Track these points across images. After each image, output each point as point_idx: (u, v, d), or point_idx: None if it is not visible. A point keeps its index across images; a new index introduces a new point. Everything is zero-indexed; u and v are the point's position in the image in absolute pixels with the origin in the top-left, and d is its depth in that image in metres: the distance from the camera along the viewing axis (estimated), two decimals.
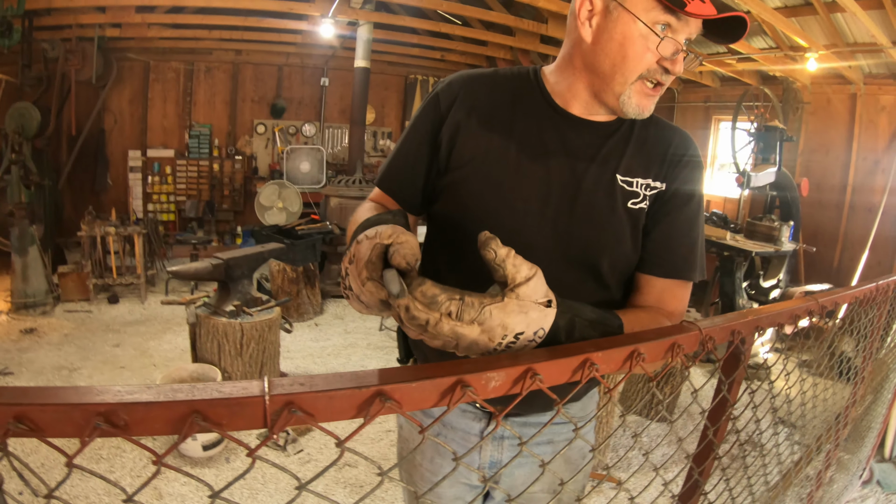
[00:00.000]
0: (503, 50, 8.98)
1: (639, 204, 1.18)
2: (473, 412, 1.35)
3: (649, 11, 1.05)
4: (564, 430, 1.37)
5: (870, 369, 2.54)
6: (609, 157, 1.18)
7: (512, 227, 1.17)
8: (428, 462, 1.43)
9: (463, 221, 1.22)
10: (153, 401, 0.56)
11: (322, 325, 6.06)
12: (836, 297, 1.51)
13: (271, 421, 0.56)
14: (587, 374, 0.75)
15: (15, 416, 0.55)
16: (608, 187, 1.17)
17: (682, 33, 1.07)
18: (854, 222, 6.76)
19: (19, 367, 4.58)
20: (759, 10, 5.26)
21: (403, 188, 1.31)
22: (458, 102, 1.23)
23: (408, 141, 1.31)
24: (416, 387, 0.62)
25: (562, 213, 1.17)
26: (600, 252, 1.18)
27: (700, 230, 1.25)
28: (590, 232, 1.18)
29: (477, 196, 1.21)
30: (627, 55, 1.08)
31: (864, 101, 6.70)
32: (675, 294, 1.24)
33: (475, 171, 1.20)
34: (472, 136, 1.21)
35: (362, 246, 0.86)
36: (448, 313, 0.76)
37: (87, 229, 6.18)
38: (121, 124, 8.83)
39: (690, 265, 1.23)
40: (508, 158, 1.19)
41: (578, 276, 1.19)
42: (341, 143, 10.04)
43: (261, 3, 6.74)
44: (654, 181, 1.19)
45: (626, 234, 1.19)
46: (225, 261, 3.77)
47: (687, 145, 1.23)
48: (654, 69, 1.09)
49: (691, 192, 1.22)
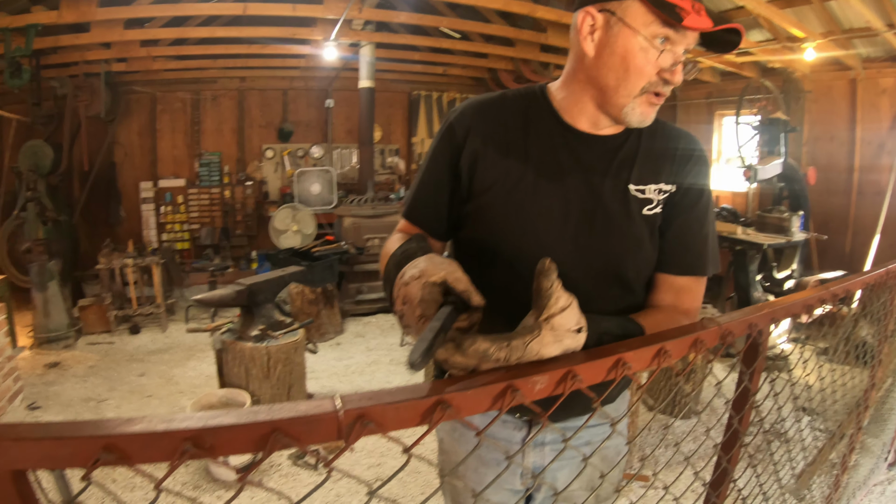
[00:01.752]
0: (504, 61, 9.06)
1: (654, 209, 1.25)
2: (514, 422, 1.41)
3: (648, 26, 1.10)
4: (601, 432, 1.43)
5: (886, 351, 2.57)
6: (620, 169, 1.25)
7: (536, 245, 1.23)
8: (472, 472, 1.48)
9: (489, 245, 1.28)
10: (237, 423, 0.63)
11: (344, 344, 6.12)
12: (848, 285, 1.56)
13: (346, 433, 0.63)
14: (620, 373, 0.82)
15: (105, 447, 0.60)
16: (623, 198, 1.24)
17: (680, 45, 1.13)
18: (863, 207, 6.77)
19: (47, 400, 4.66)
20: (754, 4, 5.31)
21: (429, 218, 1.37)
22: (472, 131, 1.29)
23: (428, 172, 1.37)
24: (472, 394, 0.69)
25: (582, 227, 1.23)
26: (623, 260, 1.25)
27: (711, 225, 1.32)
28: (611, 242, 1.24)
29: (501, 220, 1.26)
30: (629, 68, 1.14)
31: (864, 86, 6.73)
32: (691, 290, 1.31)
33: (497, 196, 1.26)
34: (491, 163, 1.27)
35: (411, 288, 0.93)
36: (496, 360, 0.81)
37: (106, 262, 6.30)
38: (131, 156, 8.98)
39: (704, 261, 1.29)
40: (527, 181, 1.25)
41: (604, 285, 1.26)
42: (349, 163, 10.14)
43: (264, 31, 6.85)
44: (665, 185, 1.26)
45: (646, 239, 1.25)
46: (248, 286, 3.85)
47: (692, 146, 1.30)
48: (654, 80, 1.15)
49: (700, 190, 1.28)
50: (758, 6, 5.38)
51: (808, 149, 7.30)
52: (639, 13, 1.11)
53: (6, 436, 0.59)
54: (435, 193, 1.35)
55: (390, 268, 1.07)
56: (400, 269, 1.01)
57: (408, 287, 0.94)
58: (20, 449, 0.59)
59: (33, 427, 0.61)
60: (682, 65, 1.16)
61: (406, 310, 0.94)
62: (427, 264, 0.95)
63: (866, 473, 3.32)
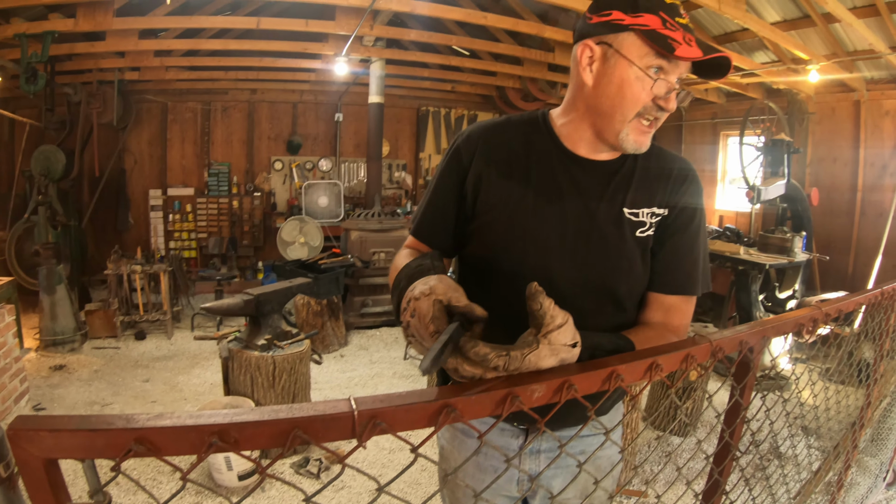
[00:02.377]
0: (512, 79, 9.16)
1: (646, 232, 1.32)
2: (511, 430, 1.48)
3: (643, 57, 1.18)
4: (595, 442, 1.49)
5: (882, 370, 2.61)
6: (616, 193, 1.32)
7: (535, 264, 1.31)
8: (470, 478, 1.54)
9: (491, 262, 1.36)
10: (260, 420, 0.68)
11: (347, 357, 6.16)
12: (840, 305, 1.60)
13: (359, 432, 0.68)
14: (614, 384, 0.88)
15: (136, 439, 0.66)
16: (617, 221, 1.31)
17: (673, 74, 1.21)
18: (866, 228, 6.82)
19: (51, 402, 4.71)
20: (758, 27, 5.39)
21: (435, 236, 1.46)
22: (477, 154, 1.37)
23: (435, 192, 1.45)
24: (475, 399, 0.75)
25: (578, 248, 1.31)
26: (616, 279, 1.32)
27: (703, 246, 1.38)
28: (605, 262, 1.31)
29: (502, 239, 1.34)
30: (625, 96, 1.21)
31: (868, 107, 6.79)
32: (681, 309, 1.37)
33: (499, 217, 1.34)
34: (494, 185, 1.35)
35: (422, 303, 1.00)
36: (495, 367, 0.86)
37: (114, 267, 6.35)
38: (141, 164, 9.10)
39: (694, 281, 1.36)
40: (527, 203, 1.32)
41: (598, 302, 1.33)
42: (357, 177, 10.24)
43: (275, 45, 6.95)
44: (657, 209, 1.33)
45: (638, 259, 1.32)
46: (256, 296, 3.90)
47: (685, 171, 1.37)
48: (649, 107, 1.23)
49: (692, 212, 1.35)
50: (762, 29, 5.46)
51: (812, 170, 7.35)
52: (634, 45, 1.19)
53: (42, 426, 0.64)
54: (441, 213, 1.44)
55: (401, 279, 1.16)
56: (411, 282, 1.09)
57: (418, 301, 1.00)
58: (55, 439, 0.64)
59: (68, 419, 0.66)
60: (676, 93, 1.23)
61: (414, 322, 1.01)
62: (437, 283, 1.02)
63: (864, 493, 3.34)
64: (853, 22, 5.02)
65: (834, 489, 2.67)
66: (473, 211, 1.38)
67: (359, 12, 5.82)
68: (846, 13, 4.94)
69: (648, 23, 1.17)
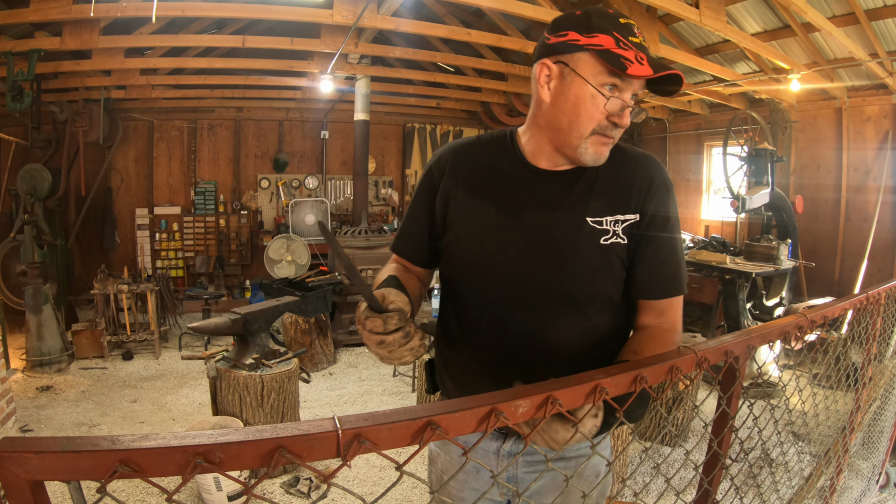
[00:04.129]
0: (497, 95, 9.24)
1: (610, 239, 1.33)
2: (493, 433, 1.49)
3: (597, 75, 1.24)
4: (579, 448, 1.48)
5: (870, 374, 2.62)
6: (576, 202, 1.35)
7: (496, 276, 1.37)
8: (454, 481, 1.58)
9: (459, 276, 1.46)
10: (245, 440, 0.68)
11: (336, 374, 6.13)
12: (826, 311, 1.62)
13: (344, 451, 0.68)
14: (599, 398, 0.88)
15: (121, 460, 0.65)
16: (577, 230, 1.33)
17: (627, 91, 1.26)
18: (851, 233, 6.89)
19: (38, 423, 4.66)
20: (739, 38, 5.46)
21: (412, 251, 1.56)
22: (447, 174, 1.46)
23: (411, 211, 1.55)
24: (459, 416, 0.75)
25: (538, 258, 1.34)
26: (576, 287, 1.34)
27: (680, 247, 1.42)
28: (564, 271, 1.34)
29: (466, 254, 1.43)
30: (580, 113, 1.27)
31: (849, 114, 6.89)
32: (671, 307, 1.40)
33: (463, 232, 1.42)
34: (460, 202, 1.43)
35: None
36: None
37: (100, 287, 6.31)
38: (127, 183, 9.07)
39: (679, 281, 1.39)
40: (489, 217, 1.39)
41: (559, 310, 1.36)
42: (344, 194, 10.24)
43: (261, 63, 6.97)
44: (623, 215, 1.34)
45: (599, 268, 1.34)
46: (243, 315, 3.88)
47: (650, 171, 1.38)
48: (604, 124, 1.27)
49: (665, 215, 1.36)
50: (743, 40, 5.53)
51: (796, 178, 7.44)
52: (588, 64, 1.24)
53: (27, 448, 0.63)
54: (416, 229, 1.52)
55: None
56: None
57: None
58: (41, 460, 0.63)
59: (53, 441, 0.65)
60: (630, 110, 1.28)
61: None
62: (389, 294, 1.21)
63: (857, 496, 3.35)
64: (833, 31, 5.11)
65: (826, 494, 2.68)
66: (443, 228, 1.46)
67: (343, 30, 5.85)
68: (826, 22, 5.02)
69: (602, 42, 1.22)
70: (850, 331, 2.41)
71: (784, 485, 3.26)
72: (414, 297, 1.37)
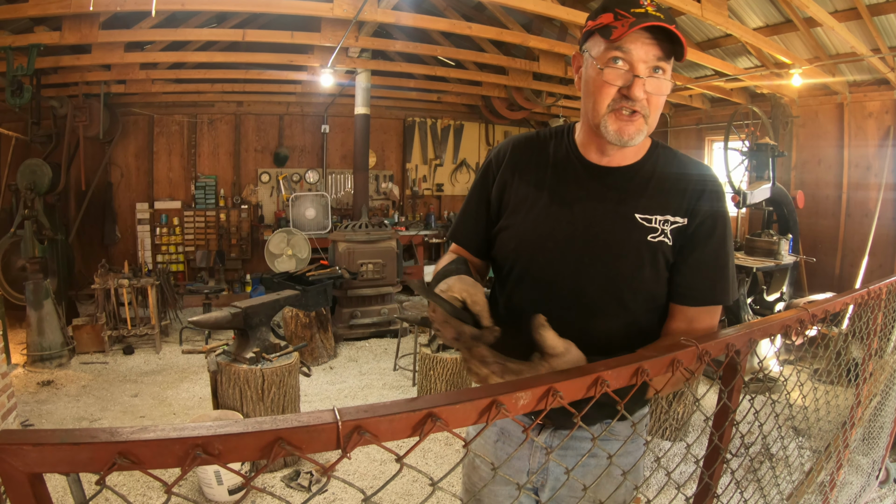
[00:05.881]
0: (497, 89, 9.21)
1: (658, 237, 1.34)
2: (528, 422, 1.50)
3: (600, 52, 1.28)
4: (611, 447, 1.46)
5: (870, 369, 2.62)
6: (627, 198, 1.37)
7: (544, 264, 1.40)
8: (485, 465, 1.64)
9: (509, 263, 1.48)
10: (244, 431, 0.68)
11: (337, 368, 6.14)
12: (827, 305, 1.61)
13: (343, 443, 0.68)
14: (600, 390, 0.87)
15: (120, 452, 0.65)
16: (626, 225, 1.35)
17: (637, 63, 1.25)
18: (852, 229, 6.88)
19: (39, 418, 4.67)
20: (741, 32, 5.44)
21: (469, 239, 1.60)
22: (505, 165, 1.51)
23: (469, 201, 1.60)
24: (460, 407, 0.75)
25: (585, 249, 1.36)
26: (620, 280, 1.35)
27: (727, 255, 1.39)
28: (609, 263, 1.35)
29: (517, 241, 1.45)
30: (591, 91, 1.31)
31: (851, 110, 6.87)
32: (704, 319, 1.38)
33: (516, 220, 1.46)
34: (515, 192, 1.47)
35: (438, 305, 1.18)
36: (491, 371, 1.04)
37: (101, 282, 6.31)
38: (127, 178, 9.04)
39: (719, 291, 1.37)
40: (541, 207, 1.42)
41: (602, 302, 1.37)
42: (344, 189, 10.22)
43: (261, 57, 6.94)
44: (673, 216, 1.35)
45: (646, 263, 1.34)
46: (244, 309, 3.88)
47: (705, 180, 1.39)
48: (617, 98, 1.28)
49: (713, 223, 1.36)
50: (745, 34, 5.51)
51: (797, 173, 7.42)
52: (594, 44, 1.30)
53: (26, 440, 0.63)
54: (473, 218, 1.58)
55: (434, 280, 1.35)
56: (437, 282, 1.29)
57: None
58: (39, 453, 0.63)
59: (52, 433, 0.65)
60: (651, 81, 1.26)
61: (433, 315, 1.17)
62: (455, 282, 1.23)
63: (857, 491, 3.36)
64: (835, 26, 5.08)
65: (827, 489, 2.68)
66: (498, 216, 1.51)
67: (344, 24, 5.83)
68: (828, 17, 5.00)
69: (602, 21, 1.27)
70: (851, 326, 2.41)
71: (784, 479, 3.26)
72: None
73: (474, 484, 1.69)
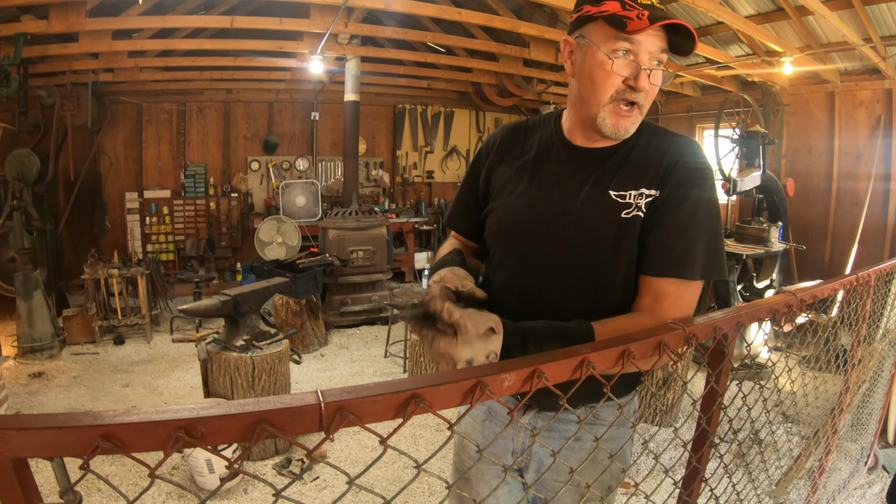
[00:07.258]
0: (488, 75, 9.18)
1: (631, 213, 1.32)
2: (514, 402, 1.50)
3: (607, 41, 1.26)
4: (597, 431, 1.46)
5: (859, 355, 2.64)
6: (603, 177, 1.37)
7: (523, 244, 1.43)
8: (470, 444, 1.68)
9: (493, 245, 1.53)
10: (226, 413, 0.67)
11: (328, 356, 6.14)
12: (815, 291, 1.62)
13: (326, 424, 0.68)
14: (586, 372, 0.87)
15: (103, 435, 0.65)
16: (600, 204, 1.34)
17: (642, 54, 1.26)
18: (842, 217, 6.92)
19: (30, 410, 4.64)
20: (732, 20, 5.43)
21: (463, 225, 1.68)
22: (493, 151, 1.57)
23: (463, 188, 1.67)
24: (444, 389, 0.74)
25: (562, 229, 1.38)
26: (597, 258, 1.35)
27: (702, 229, 1.30)
28: (586, 242, 1.35)
29: (499, 223, 1.50)
30: (594, 80, 1.30)
31: (842, 98, 6.88)
32: (670, 294, 1.28)
33: (500, 202, 1.50)
34: (499, 176, 1.53)
35: (433, 289, 1.27)
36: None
37: (91, 272, 6.26)
38: (116, 167, 8.96)
39: (684, 263, 1.27)
40: (521, 190, 1.46)
41: (578, 281, 1.37)
42: (334, 176, 10.17)
43: (250, 44, 6.88)
44: (647, 189, 1.33)
45: (617, 242, 1.33)
46: (233, 297, 3.87)
47: (684, 151, 1.34)
48: (621, 89, 1.28)
49: (684, 194, 1.30)
50: (736, 22, 5.51)
51: (787, 161, 7.45)
52: (598, 31, 1.28)
53: (10, 425, 0.63)
54: (465, 205, 1.65)
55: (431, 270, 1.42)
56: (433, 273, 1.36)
57: (430, 288, 1.28)
58: (23, 438, 0.63)
59: (35, 417, 0.65)
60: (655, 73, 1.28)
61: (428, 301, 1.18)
62: (447, 273, 1.32)
63: (846, 477, 3.39)
64: (826, 14, 5.08)
65: (815, 474, 2.71)
66: (485, 199, 1.57)
67: (333, 10, 5.79)
68: (819, 5, 4.99)
69: (609, 8, 1.25)
70: (840, 312, 2.42)
71: (773, 465, 3.29)
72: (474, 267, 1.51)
73: (463, 462, 1.72)
